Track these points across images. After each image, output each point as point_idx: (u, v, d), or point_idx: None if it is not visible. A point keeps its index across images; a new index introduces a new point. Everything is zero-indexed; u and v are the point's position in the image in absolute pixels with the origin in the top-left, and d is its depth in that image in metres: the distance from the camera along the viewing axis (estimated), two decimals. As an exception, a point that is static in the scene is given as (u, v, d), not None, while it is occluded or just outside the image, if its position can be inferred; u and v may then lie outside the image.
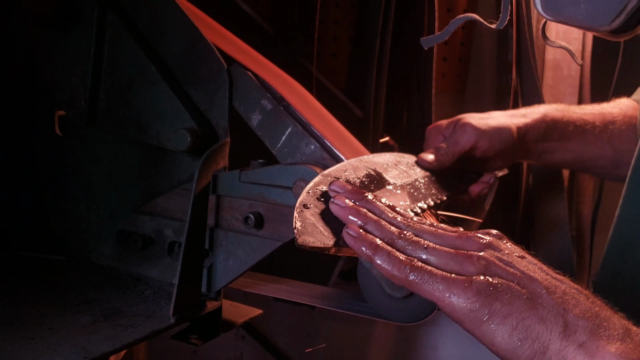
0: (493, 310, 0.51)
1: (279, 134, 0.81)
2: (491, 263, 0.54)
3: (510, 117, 1.01)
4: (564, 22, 0.66)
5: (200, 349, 1.47)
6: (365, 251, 0.56)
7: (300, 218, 0.58)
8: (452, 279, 0.52)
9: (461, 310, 0.52)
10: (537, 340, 0.50)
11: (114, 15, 0.83)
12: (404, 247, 0.57)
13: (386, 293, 0.77)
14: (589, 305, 0.52)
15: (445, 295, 0.52)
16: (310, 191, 0.63)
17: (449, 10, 1.46)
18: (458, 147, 0.94)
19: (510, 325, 0.50)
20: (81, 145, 0.91)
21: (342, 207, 0.60)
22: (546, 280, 0.53)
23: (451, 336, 1.71)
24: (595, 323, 0.50)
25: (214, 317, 0.83)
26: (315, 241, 0.57)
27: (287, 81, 0.92)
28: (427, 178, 0.88)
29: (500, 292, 0.51)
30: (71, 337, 0.68)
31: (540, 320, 0.50)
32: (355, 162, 0.76)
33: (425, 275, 0.53)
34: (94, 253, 0.91)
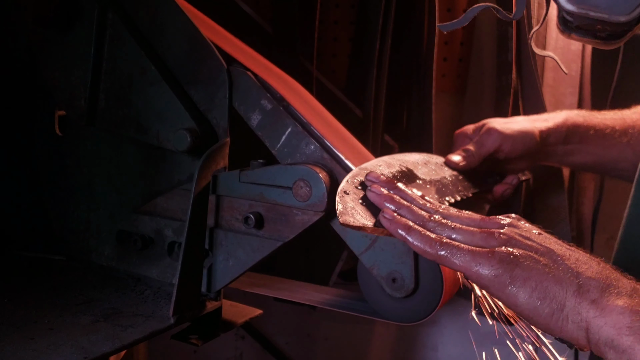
0: (514, 275, 0.57)
1: (279, 134, 0.81)
2: (511, 237, 0.61)
3: (533, 122, 1.07)
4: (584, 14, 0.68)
5: (200, 349, 1.47)
6: (399, 232, 0.63)
7: (341, 202, 0.67)
8: (477, 251, 0.60)
9: (486, 277, 0.58)
10: (554, 299, 0.56)
11: (114, 15, 0.83)
12: (434, 227, 0.64)
13: (386, 293, 0.77)
14: (600, 269, 0.58)
15: (472, 265, 0.59)
16: (349, 180, 0.71)
17: (449, 10, 1.45)
18: (483, 150, 1.01)
19: (530, 287, 0.57)
20: (81, 145, 0.91)
21: (378, 194, 0.68)
22: (561, 250, 0.60)
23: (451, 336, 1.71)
24: (606, 283, 0.56)
25: (214, 317, 0.83)
26: (355, 221, 0.65)
27: (287, 81, 0.92)
28: (454, 177, 0.95)
29: (520, 260, 0.58)
30: (71, 337, 0.68)
31: (557, 282, 0.57)
32: (388, 159, 0.83)
33: (454, 250, 0.60)
34: (94, 253, 0.91)
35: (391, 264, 0.75)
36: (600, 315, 0.55)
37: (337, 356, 1.77)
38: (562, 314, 0.56)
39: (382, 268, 0.76)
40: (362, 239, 0.76)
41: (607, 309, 0.55)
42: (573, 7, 0.67)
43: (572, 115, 1.10)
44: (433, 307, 0.76)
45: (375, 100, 1.33)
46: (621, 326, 0.53)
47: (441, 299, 0.75)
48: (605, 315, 0.54)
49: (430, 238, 0.62)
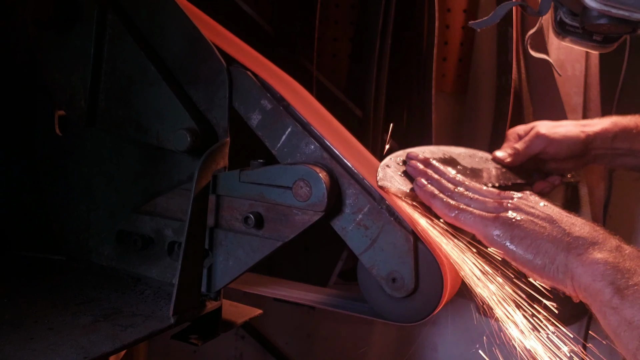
0: (513, 235, 0.70)
1: (279, 134, 0.81)
2: (517, 207, 0.73)
3: (580, 126, 1.14)
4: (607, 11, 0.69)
5: (200, 349, 1.47)
6: (426, 197, 0.78)
7: (382, 171, 0.80)
8: (485, 215, 0.73)
9: (491, 236, 0.71)
10: (546, 254, 0.67)
11: (114, 15, 0.83)
12: (456, 197, 0.78)
13: (386, 293, 0.77)
14: (590, 230, 0.68)
15: (480, 226, 0.72)
16: (392, 158, 0.85)
17: (448, 11, 1.45)
18: (529, 150, 1.10)
19: (525, 244, 0.69)
20: (81, 145, 0.91)
21: (414, 167, 0.83)
22: (559, 216, 0.71)
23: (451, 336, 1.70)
24: (592, 241, 0.66)
25: (214, 317, 0.83)
26: (392, 187, 0.78)
27: (287, 81, 0.92)
28: (498, 169, 1.05)
29: (519, 222, 0.70)
30: (71, 337, 0.68)
31: (550, 240, 0.68)
32: (434, 148, 0.95)
33: (467, 214, 0.74)
34: (94, 253, 0.91)
35: (391, 264, 0.75)
36: (581, 265, 0.65)
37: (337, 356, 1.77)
38: (553, 266, 0.67)
39: (382, 268, 0.76)
40: (362, 239, 0.76)
41: (587, 261, 0.64)
42: (597, 4, 0.68)
43: (621, 120, 1.16)
44: (433, 307, 0.76)
45: (375, 100, 1.33)
46: (595, 274, 0.63)
47: (441, 299, 0.75)
48: (585, 265, 0.64)
49: (450, 204, 0.76)
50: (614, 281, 0.62)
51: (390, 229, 0.75)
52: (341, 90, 1.41)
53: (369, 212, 0.76)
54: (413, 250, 0.74)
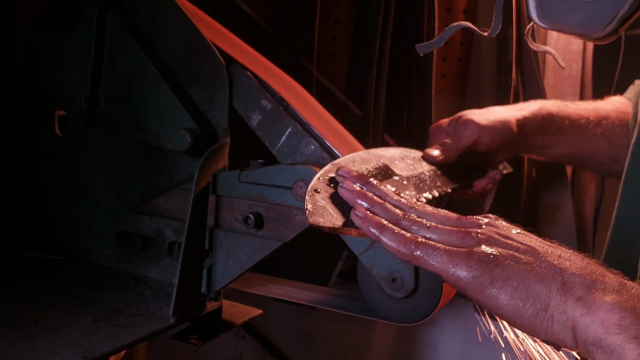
0: (494, 275, 0.54)
1: (279, 134, 0.81)
2: (490, 236, 0.58)
3: (509, 111, 1.06)
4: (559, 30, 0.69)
5: (200, 349, 1.47)
6: (372, 231, 0.60)
7: (311, 201, 0.64)
8: (455, 251, 0.57)
9: (465, 279, 0.55)
10: (537, 299, 0.53)
11: (114, 15, 0.83)
12: (409, 226, 0.61)
13: (386, 293, 0.77)
14: (584, 264, 0.56)
15: (449, 266, 0.56)
16: (321, 177, 0.68)
17: (448, 11, 1.45)
18: (462, 142, 0.98)
19: (511, 287, 0.54)
20: (81, 145, 0.91)
21: (350, 190, 0.65)
22: (542, 247, 0.57)
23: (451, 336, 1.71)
24: (591, 279, 0.54)
25: (214, 317, 0.83)
26: (325, 221, 0.62)
27: (287, 81, 0.92)
28: (432, 172, 0.90)
29: (499, 259, 0.55)
30: (71, 337, 0.68)
31: (539, 280, 0.54)
32: (364, 155, 0.79)
33: (430, 250, 0.57)
34: (94, 253, 0.91)
35: (391, 264, 0.75)
36: (587, 313, 0.52)
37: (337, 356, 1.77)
38: (547, 313, 0.53)
39: (382, 268, 0.76)
40: (362, 238, 0.76)
41: (594, 306, 0.52)
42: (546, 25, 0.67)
43: (546, 104, 1.09)
44: (433, 308, 0.76)
45: (375, 100, 1.33)
46: (610, 324, 0.51)
47: (441, 299, 0.75)
48: (593, 312, 0.52)
49: (404, 237, 0.59)
50: (638, 335, 0.49)
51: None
52: (341, 90, 1.41)
53: (369, 212, 0.76)
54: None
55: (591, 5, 0.63)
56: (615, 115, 1.10)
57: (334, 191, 0.66)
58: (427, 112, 1.32)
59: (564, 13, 0.65)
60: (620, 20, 0.62)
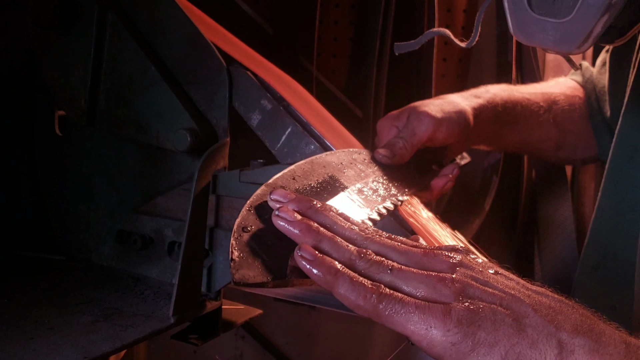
0: (477, 340, 0.44)
1: (279, 134, 0.81)
2: (467, 285, 0.47)
3: (464, 99, 0.96)
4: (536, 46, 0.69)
5: (200, 349, 1.47)
6: (323, 277, 0.47)
7: (238, 246, 0.48)
8: (428, 308, 0.45)
9: (441, 345, 0.45)
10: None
11: (114, 15, 0.83)
12: (367, 269, 0.48)
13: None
14: (579, 318, 0.46)
15: (422, 328, 0.45)
16: (251, 208, 0.52)
17: (448, 11, 1.46)
18: (415, 139, 0.85)
19: (498, 354, 0.44)
20: (81, 145, 0.91)
21: (289, 221, 0.50)
22: (529, 297, 0.47)
23: (451, 336, 1.71)
24: (593, 339, 0.45)
25: (214, 317, 0.83)
26: (257, 275, 0.46)
27: (287, 81, 0.92)
28: (385, 177, 0.80)
29: (483, 318, 0.45)
30: (71, 337, 0.68)
31: (532, 345, 0.44)
32: (306, 166, 0.67)
33: (397, 305, 0.45)
34: (94, 253, 0.91)
35: (391, 264, 0.75)
36: None
37: (337, 356, 1.77)
38: None
39: (382, 268, 0.76)
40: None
41: None
42: (523, 40, 0.68)
43: (498, 90, 1.01)
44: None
45: (375, 100, 1.33)
46: None
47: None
48: None
49: (364, 287, 0.46)
50: None
51: (390, 229, 0.75)
52: (341, 90, 1.41)
53: (369, 212, 0.76)
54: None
55: (561, 26, 0.63)
56: (564, 100, 1.06)
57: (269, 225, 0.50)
58: (427, 112, 1.32)
59: (537, 32, 0.65)
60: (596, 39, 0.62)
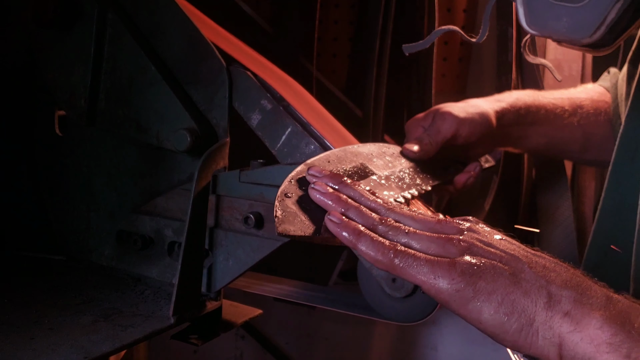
0: (478, 288, 0.52)
1: (279, 134, 0.81)
2: (472, 244, 0.55)
3: (487, 103, 1.03)
4: (548, 36, 0.69)
5: (200, 349, 1.47)
6: (348, 237, 0.56)
7: (281, 207, 0.58)
8: (437, 261, 0.53)
9: (447, 292, 0.52)
10: (523, 314, 0.51)
11: (114, 15, 0.83)
12: (386, 232, 0.57)
13: (386, 293, 0.77)
14: (569, 276, 0.53)
15: (430, 277, 0.53)
16: (292, 180, 0.62)
17: (449, 11, 1.46)
18: (440, 136, 0.94)
19: (495, 301, 0.51)
20: (81, 145, 0.91)
21: (323, 192, 0.60)
22: (526, 257, 0.55)
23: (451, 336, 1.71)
24: (578, 292, 0.51)
25: (214, 317, 0.83)
26: (296, 229, 0.57)
27: (287, 81, 0.92)
28: (412, 169, 0.86)
29: (483, 271, 0.52)
30: (71, 337, 0.68)
31: (525, 294, 0.51)
32: (340, 153, 0.75)
33: (410, 259, 0.54)
34: (94, 253, 0.91)
35: (391, 264, 0.75)
36: (576, 330, 0.50)
37: (337, 356, 1.77)
38: (532, 329, 0.51)
39: (382, 268, 0.76)
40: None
41: (583, 323, 0.50)
42: (535, 31, 0.68)
43: (522, 95, 1.07)
44: (433, 307, 0.76)
45: (375, 100, 1.33)
46: (600, 342, 0.49)
47: (441, 298, 0.75)
48: (581, 329, 0.50)
49: (382, 245, 0.55)
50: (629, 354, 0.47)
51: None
52: (341, 90, 1.41)
53: (369, 212, 0.76)
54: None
55: (576, 11, 0.64)
56: (590, 104, 1.09)
57: (306, 194, 0.61)
58: (427, 112, 1.32)
59: (550, 20, 0.66)
60: (609, 27, 0.63)
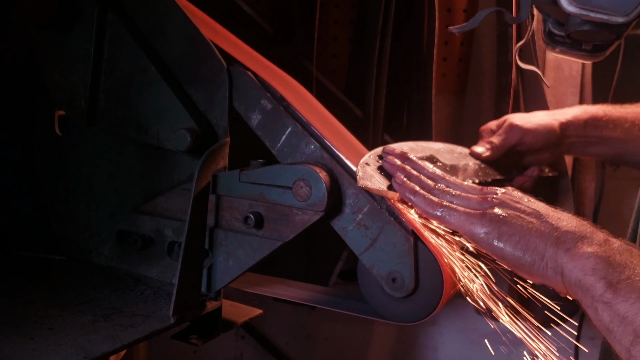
0: (501, 232, 0.68)
1: (279, 134, 0.81)
2: (503, 201, 0.71)
3: (553, 115, 1.15)
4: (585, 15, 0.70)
5: (200, 349, 1.47)
6: (407, 195, 0.75)
7: (362, 170, 0.77)
8: (471, 213, 0.71)
9: (478, 234, 0.69)
10: (535, 250, 0.66)
11: (114, 15, 0.83)
12: (437, 193, 0.76)
13: (386, 293, 0.77)
14: (578, 224, 0.67)
15: (466, 224, 0.70)
16: (371, 155, 0.83)
17: (448, 11, 1.46)
18: (505, 142, 1.09)
19: (514, 241, 0.67)
20: (81, 145, 0.91)
21: (392, 164, 0.80)
22: (546, 210, 0.70)
23: (451, 336, 1.71)
24: (580, 235, 0.65)
25: (214, 317, 0.83)
26: (372, 185, 0.76)
27: (287, 81, 0.92)
28: (477, 165, 1.03)
29: (507, 219, 0.69)
30: (71, 337, 0.68)
31: (538, 236, 0.66)
32: (411, 144, 0.92)
33: (451, 211, 0.72)
34: (94, 253, 0.91)
35: (391, 264, 0.75)
36: (571, 260, 0.63)
37: (337, 356, 1.77)
38: (542, 262, 0.65)
39: (382, 268, 0.76)
40: (362, 239, 0.76)
41: (577, 256, 0.63)
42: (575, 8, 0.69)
43: (591, 108, 1.16)
44: (433, 307, 0.76)
45: (375, 100, 1.33)
46: (586, 269, 0.62)
47: (441, 299, 0.75)
48: (575, 260, 0.63)
49: (432, 201, 0.73)
50: (606, 276, 0.61)
51: (390, 229, 0.75)
52: (341, 90, 1.41)
53: (369, 212, 0.76)
54: (413, 250, 0.74)
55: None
56: None
57: (380, 165, 0.81)
58: (427, 112, 1.32)
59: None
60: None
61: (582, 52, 0.83)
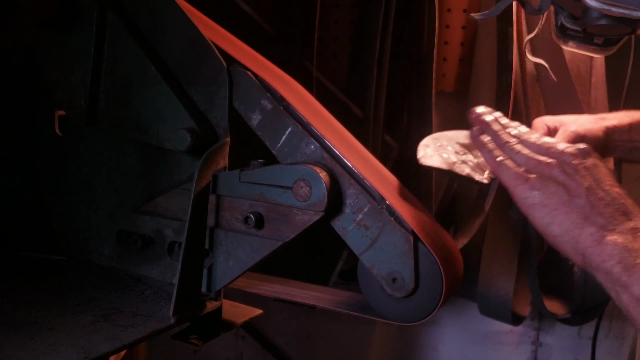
0: (536, 200, 0.72)
1: (279, 134, 0.81)
2: (554, 169, 0.73)
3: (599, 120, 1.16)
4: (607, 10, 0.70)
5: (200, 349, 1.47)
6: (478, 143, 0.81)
7: (422, 150, 0.88)
8: (519, 175, 0.74)
9: (517, 195, 0.74)
10: (561, 225, 0.70)
11: (114, 15, 0.83)
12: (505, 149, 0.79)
13: (386, 293, 0.77)
14: (613, 211, 0.68)
15: (512, 183, 0.75)
16: (430, 138, 0.92)
17: (449, 11, 1.46)
18: None
19: (544, 211, 0.71)
20: (81, 145, 0.91)
21: (478, 119, 0.84)
22: (590, 189, 0.71)
23: (451, 336, 1.71)
24: (608, 220, 0.68)
25: (214, 317, 0.83)
26: (433, 163, 0.86)
27: (287, 81, 0.92)
28: None
29: (545, 189, 0.72)
30: (71, 337, 0.68)
31: (566, 214, 0.70)
32: (436, 135, 0.97)
33: (506, 169, 0.76)
34: (94, 253, 0.91)
35: (391, 264, 0.75)
36: (593, 246, 0.67)
37: (337, 356, 1.77)
38: (565, 238, 0.69)
39: (382, 268, 0.76)
40: (363, 239, 0.76)
41: (601, 243, 0.66)
42: (597, 3, 0.69)
43: (634, 113, 1.18)
44: (433, 307, 0.76)
45: (375, 100, 1.33)
46: (604, 255, 0.66)
47: (441, 299, 0.75)
48: (595, 246, 0.67)
49: (495, 156, 0.78)
50: (622, 260, 0.64)
51: (390, 229, 0.75)
52: (341, 90, 1.41)
53: (369, 212, 0.76)
54: (413, 250, 0.74)
55: None
56: None
57: (440, 147, 0.90)
58: (427, 112, 1.32)
59: None
60: None
61: (593, 45, 0.83)
